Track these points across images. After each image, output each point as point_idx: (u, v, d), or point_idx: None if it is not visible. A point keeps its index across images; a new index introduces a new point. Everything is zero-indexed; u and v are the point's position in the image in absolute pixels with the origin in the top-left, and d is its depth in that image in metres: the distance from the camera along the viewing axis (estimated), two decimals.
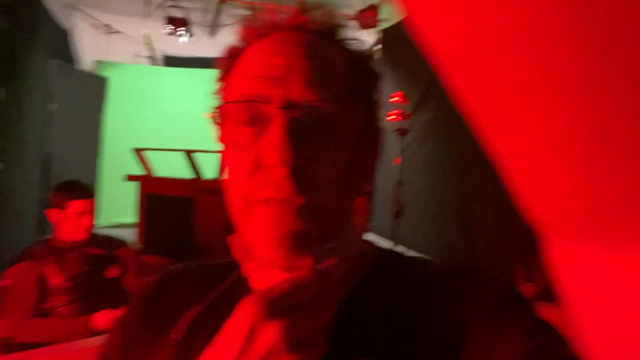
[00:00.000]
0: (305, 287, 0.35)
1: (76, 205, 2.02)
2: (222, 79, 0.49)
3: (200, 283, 0.51)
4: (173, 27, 5.77)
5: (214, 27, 7.37)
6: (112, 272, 2.08)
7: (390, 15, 6.08)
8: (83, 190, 2.10)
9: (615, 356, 0.15)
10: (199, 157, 4.40)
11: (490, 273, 0.47)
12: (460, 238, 4.39)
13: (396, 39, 5.88)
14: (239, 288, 0.48)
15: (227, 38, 7.56)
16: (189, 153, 4.36)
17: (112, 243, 2.18)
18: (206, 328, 0.44)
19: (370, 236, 2.30)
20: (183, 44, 6.42)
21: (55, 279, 1.95)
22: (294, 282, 0.35)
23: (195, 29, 6.62)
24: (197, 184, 4.30)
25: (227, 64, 0.49)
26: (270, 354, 0.33)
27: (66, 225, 2.02)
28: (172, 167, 4.52)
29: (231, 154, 0.44)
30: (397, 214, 3.48)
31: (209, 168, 4.40)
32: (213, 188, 4.24)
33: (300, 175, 0.40)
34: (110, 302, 1.95)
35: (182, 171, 4.41)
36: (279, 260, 0.41)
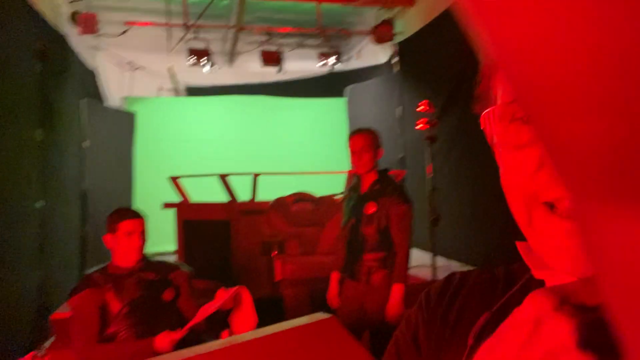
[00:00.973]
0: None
1: (125, 225, 2.10)
2: (487, 74, 0.47)
3: (486, 289, 0.50)
4: (196, 59, 5.94)
5: (232, 55, 7.57)
6: (168, 295, 2.13)
7: (404, 28, 6.16)
8: (131, 212, 2.20)
9: None
10: (233, 180, 4.49)
11: None
12: (499, 242, 4.33)
13: (413, 50, 5.94)
14: (528, 292, 0.46)
15: (245, 64, 7.77)
16: (223, 177, 4.46)
17: (165, 267, 2.24)
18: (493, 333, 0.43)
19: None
20: (205, 73, 6.60)
21: (115, 305, 2.02)
22: (593, 284, 0.35)
23: (215, 58, 6.82)
24: (233, 206, 4.38)
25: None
26: (557, 348, 0.31)
27: (119, 248, 2.11)
28: (206, 193, 4.62)
29: (509, 154, 0.42)
30: (435, 222, 3.47)
31: (242, 190, 4.49)
32: (248, 209, 4.32)
33: None
34: (168, 324, 2.02)
35: (217, 196, 4.51)
36: (577, 271, 0.37)
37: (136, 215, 2.17)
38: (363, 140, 2.46)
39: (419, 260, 3.34)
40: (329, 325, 1.58)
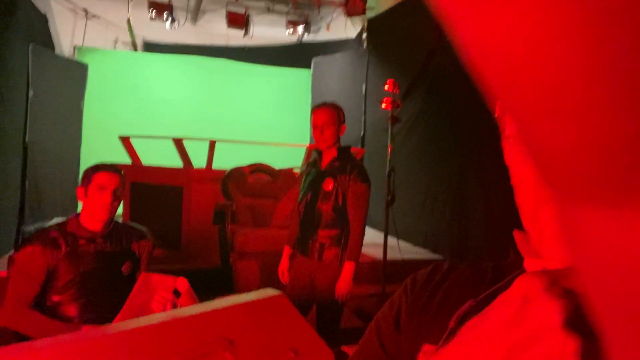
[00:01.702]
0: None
1: (99, 177, 1.91)
2: None
3: (472, 281, 0.53)
4: (157, 12, 5.62)
5: (195, 13, 7.23)
6: (125, 268, 1.99)
7: (376, 4, 6.07)
8: (109, 166, 1.99)
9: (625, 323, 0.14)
10: (188, 145, 4.33)
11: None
12: (450, 225, 4.44)
13: (383, 27, 5.87)
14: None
15: (209, 25, 7.44)
16: (177, 141, 4.28)
17: (131, 235, 2.06)
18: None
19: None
20: (166, 30, 6.27)
21: (66, 272, 1.85)
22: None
23: (177, 14, 6.48)
24: (187, 172, 4.23)
25: None
26: (542, 327, 0.32)
27: (89, 202, 1.91)
28: (159, 156, 4.44)
29: (519, 147, 0.43)
30: (390, 203, 3.49)
31: (198, 156, 4.33)
32: (203, 177, 4.19)
33: None
34: (117, 298, 1.82)
35: (170, 160, 4.34)
36: (568, 261, 0.41)
37: (113, 170, 1.97)
38: (326, 114, 2.41)
39: (371, 239, 3.38)
40: (277, 303, 1.54)
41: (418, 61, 4.92)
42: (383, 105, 3.66)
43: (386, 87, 3.72)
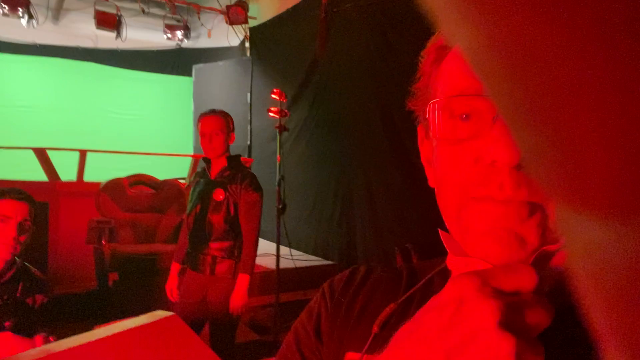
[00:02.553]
0: (523, 280, 0.34)
1: (2, 206, 1.58)
2: (428, 71, 0.48)
3: (389, 284, 0.53)
4: (9, 8, 4.97)
5: (57, 11, 6.55)
6: (8, 324, 1.60)
7: (258, 14, 6.07)
8: (14, 191, 1.63)
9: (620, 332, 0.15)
10: (55, 157, 3.86)
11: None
12: (338, 231, 4.57)
13: (266, 37, 5.89)
14: (435, 286, 0.49)
15: (73, 25, 6.78)
16: (38, 151, 3.80)
17: (33, 284, 1.70)
18: (402, 322, 0.42)
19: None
20: (22, 28, 5.57)
21: None
22: (513, 271, 0.34)
23: (36, 12, 5.79)
24: (53, 186, 3.77)
25: (434, 56, 0.47)
26: (478, 327, 0.31)
27: None
28: (19, 170, 3.89)
29: (444, 148, 0.43)
30: (281, 211, 3.48)
31: (67, 169, 3.88)
32: (73, 191, 3.76)
33: (521, 174, 0.39)
34: None
35: (33, 173, 3.83)
36: (494, 258, 0.41)
37: (20, 197, 1.61)
38: (215, 122, 2.33)
39: (262, 249, 3.32)
40: (170, 324, 1.43)
41: (302, 70, 5.01)
42: (271, 114, 3.66)
43: (273, 96, 3.72)
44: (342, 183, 4.53)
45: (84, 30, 6.59)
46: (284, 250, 3.78)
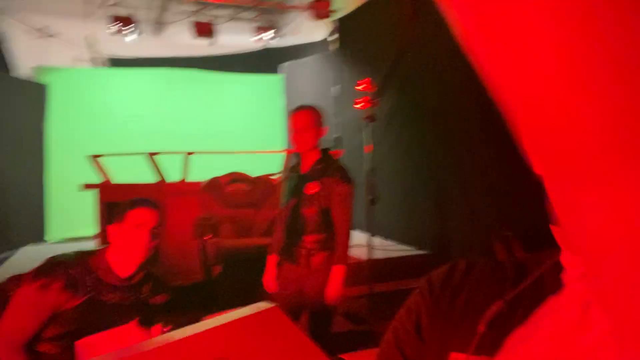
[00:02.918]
0: None
1: (136, 215, 1.67)
2: None
3: (494, 278, 0.51)
4: (118, 27, 5.47)
5: (159, 25, 7.08)
6: (135, 322, 1.71)
7: (343, 5, 6.06)
8: (147, 200, 1.75)
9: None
10: (161, 160, 4.20)
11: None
12: (433, 220, 4.43)
13: (351, 28, 5.87)
14: (542, 284, 0.46)
15: (174, 36, 7.30)
16: (150, 156, 4.15)
17: (155, 285, 1.80)
18: (510, 321, 0.42)
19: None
20: (129, 43, 6.11)
21: (68, 323, 1.56)
22: None
23: (140, 27, 6.32)
24: (162, 187, 4.10)
25: None
26: (609, 336, 0.29)
27: (121, 241, 1.67)
28: (132, 173, 4.28)
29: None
30: (372, 202, 3.45)
31: (173, 170, 4.21)
32: (179, 191, 4.07)
33: None
34: None
35: (143, 176, 4.19)
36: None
37: (152, 206, 1.73)
38: (306, 117, 2.36)
39: (355, 239, 3.34)
40: (272, 316, 1.47)
41: (390, 58, 4.92)
42: (358, 105, 3.63)
43: (360, 86, 3.70)
44: (434, 171, 4.38)
45: (182, 40, 7.05)
46: (378, 241, 3.75)
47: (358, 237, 4.08)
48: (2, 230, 5.09)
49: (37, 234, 5.84)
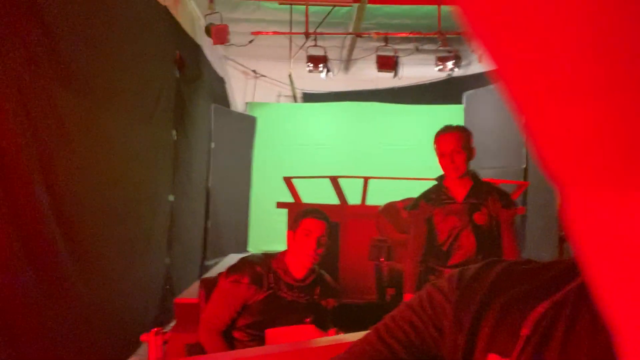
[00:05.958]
0: None
1: (306, 223, 1.90)
2: None
3: (537, 280, 0.49)
4: (313, 66, 6.14)
5: (348, 62, 7.68)
6: (308, 321, 1.94)
7: None
8: (317, 212, 1.97)
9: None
10: (343, 184, 4.54)
11: None
12: None
13: None
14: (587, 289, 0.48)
15: (359, 71, 7.83)
16: (334, 179, 4.52)
17: (325, 288, 2.01)
18: (557, 326, 0.42)
19: None
20: (321, 80, 6.79)
21: (256, 313, 1.84)
22: None
23: (331, 65, 6.97)
24: (343, 208, 4.41)
25: None
26: None
27: (295, 246, 1.91)
28: (317, 195, 4.73)
29: None
30: (564, 238, 3.14)
31: (353, 194, 4.51)
32: (358, 213, 4.33)
33: None
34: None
35: (328, 198, 4.59)
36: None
37: (320, 217, 1.95)
38: (454, 139, 2.25)
39: None
40: None
41: None
42: None
43: None
44: None
45: (367, 75, 7.52)
46: None
47: None
48: (216, 240, 6.09)
49: (241, 245, 6.84)
